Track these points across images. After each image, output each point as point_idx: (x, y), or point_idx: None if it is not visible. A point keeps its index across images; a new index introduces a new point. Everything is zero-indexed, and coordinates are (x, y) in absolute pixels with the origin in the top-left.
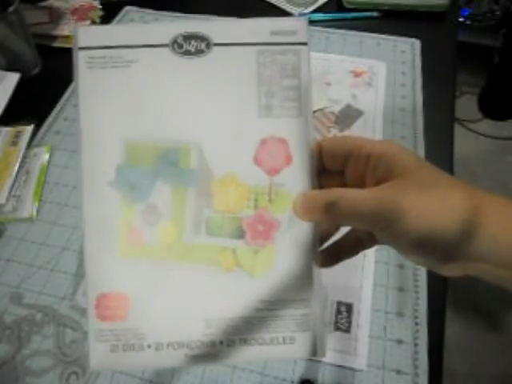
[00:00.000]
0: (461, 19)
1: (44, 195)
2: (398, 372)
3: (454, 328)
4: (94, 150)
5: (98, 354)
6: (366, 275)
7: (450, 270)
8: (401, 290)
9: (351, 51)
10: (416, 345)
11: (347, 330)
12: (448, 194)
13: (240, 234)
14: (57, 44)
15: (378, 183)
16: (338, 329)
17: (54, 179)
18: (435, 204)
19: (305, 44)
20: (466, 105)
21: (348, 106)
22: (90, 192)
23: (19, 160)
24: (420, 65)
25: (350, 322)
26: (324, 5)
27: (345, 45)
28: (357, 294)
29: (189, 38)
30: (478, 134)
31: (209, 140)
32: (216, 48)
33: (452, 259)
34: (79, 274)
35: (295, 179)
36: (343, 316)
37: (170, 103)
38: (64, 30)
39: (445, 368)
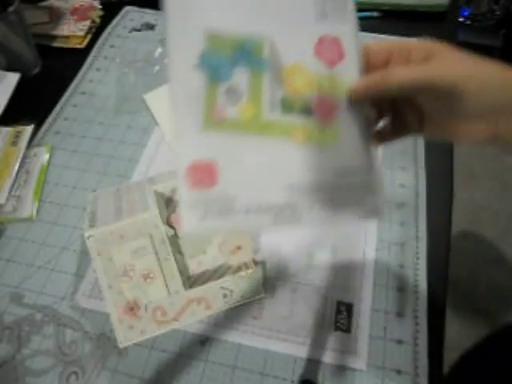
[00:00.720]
0: (461, 19)
1: (44, 195)
2: (398, 372)
3: (453, 328)
4: (180, 40)
5: (191, 220)
6: (366, 275)
7: (478, 129)
8: (401, 290)
9: None
10: (416, 345)
11: (347, 330)
12: (482, 61)
13: (309, 113)
14: (57, 44)
15: None
16: (337, 329)
17: (54, 179)
18: (474, 64)
19: None
20: None
21: None
22: (177, 74)
23: (19, 160)
24: None
25: (350, 322)
26: None
27: None
28: (357, 294)
29: None
30: None
31: (277, 36)
32: None
33: (487, 110)
34: (79, 274)
35: (348, 72)
36: (343, 316)
37: (243, 6)
38: (64, 30)
39: (445, 368)
